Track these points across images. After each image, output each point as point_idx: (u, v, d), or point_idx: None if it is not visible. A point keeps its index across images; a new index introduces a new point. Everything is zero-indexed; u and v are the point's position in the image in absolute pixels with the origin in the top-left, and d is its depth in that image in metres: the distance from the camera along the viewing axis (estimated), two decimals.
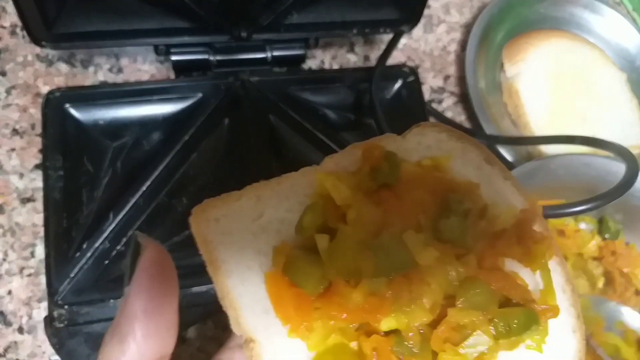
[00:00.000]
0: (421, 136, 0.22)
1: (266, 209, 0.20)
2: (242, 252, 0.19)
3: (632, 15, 0.59)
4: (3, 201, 0.40)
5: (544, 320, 0.19)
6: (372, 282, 0.18)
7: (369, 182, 0.20)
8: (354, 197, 0.19)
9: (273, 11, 0.41)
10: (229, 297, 0.19)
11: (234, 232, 0.19)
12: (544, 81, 0.51)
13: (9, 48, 0.45)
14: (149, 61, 0.47)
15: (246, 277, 0.19)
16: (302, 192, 0.20)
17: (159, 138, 0.41)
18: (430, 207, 0.19)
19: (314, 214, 0.19)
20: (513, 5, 0.54)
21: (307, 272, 0.18)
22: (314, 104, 0.45)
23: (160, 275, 0.17)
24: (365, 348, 0.18)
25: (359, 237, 0.18)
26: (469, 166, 0.21)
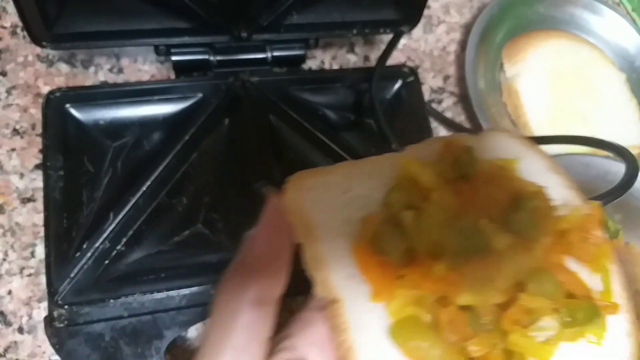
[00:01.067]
0: (492, 139, 0.24)
1: (354, 184, 0.22)
2: (332, 220, 0.21)
3: (632, 15, 0.59)
4: (3, 201, 0.40)
5: (604, 315, 0.20)
6: (456, 254, 0.19)
7: (449, 171, 0.21)
8: (436, 181, 0.21)
9: (273, 11, 0.41)
10: (319, 259, 0.20)
11: (325, 201, 0.21)
12: (543, 81, 0.51)
13: (10, 48, 0.45)
14: (150, 61, 0.47)
15: (334, 243, 0.21)
16: (386, 174, 0.22)
17: (159, 138, 0.41)
18: (502, 201, 0.21)
19: (400, 192, 0.21)
20: (513, 6, 0.54)
21: (394, 243, 0.20)
22: (314, 104, 0.45)
23: (279, 224, 0.19)
24: (441, 317, 0.19)
25: (441, 217, 0.20)
26: (534, 172, 0.23)
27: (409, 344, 0.19)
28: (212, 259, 0.38)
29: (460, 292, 0.19)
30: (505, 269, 0.19)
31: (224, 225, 0.39)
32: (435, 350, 0.19)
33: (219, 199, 0.40)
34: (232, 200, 0.40)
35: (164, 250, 0.38)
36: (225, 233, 0.39)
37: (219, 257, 0.38)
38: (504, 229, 0.20)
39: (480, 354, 0.19)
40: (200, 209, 0.40)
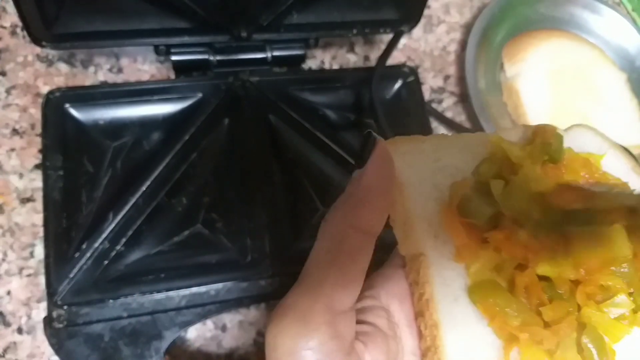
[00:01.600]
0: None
1: (444, 155, 0.23)
2: (422, 182, 0.22)
3: (632, 15, 0.59)
4: (3, 201, 0.40)
5: None
6: (537, 226, 0.20)
7: (538, 154, 0.23)
8: (525, 159, 0.22)
9: (273, 11, 0.41)
10: (406, 216, 0.22)
11: (417, 165, 0.23)
12: (543, 81, 0.51)
13: (9, 48, 0.45)
14: (149, 61, 0.47)
15: (423, 203, 0.22)
16: (476, 150, 0.23)
17: (159, 138, 0.41)
18: (585, 189, 0.22)
19: (490, 163, 0.23)
20: (513, 5, 0.54)
21: (481, 208, 0.21)
22: (314, 103, 0.45)
23: (387, 164, 0.21)
24: (518, 281, 0.20)
25: (528, 189, 0.21)
26: (617, 170, 0.24)
27: (487, 301, 0.20)
28: (212, 259, 0.38)
29: (539, 261, 0.20)
30: (584, 249, 0.20)
31: (223, 226, 0.39)
32: (512, 307, 0.20)
33: (219, 199, 0.40)
34: (231, 201, 0.40)
35: (164, 251, 0.38)
36: (225, 233, 0.39)
37: (219, 257, 0.38)
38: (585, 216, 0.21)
39: (553, 318, 0.19)
40: (199, 209, 0.39)
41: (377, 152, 0.21)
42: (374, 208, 0.20)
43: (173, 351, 0.37)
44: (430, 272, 0.21)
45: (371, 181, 0.20)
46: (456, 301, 0.21)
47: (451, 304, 0.20)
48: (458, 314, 0.20)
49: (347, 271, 0.19)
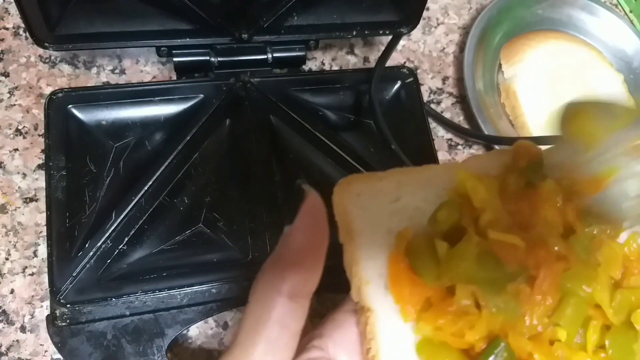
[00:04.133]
0: None
1: (404, 194, 0.21)
2: (376, 228, 0.20)
3: (629, 17, 0.60)
4: (6, 201, 0.41)
5: None
6: (482, 293, 0.19)
7: (515, 179, 0.21)
8: (490, 200, 0.20)
9: (273, 13, 0.41)
10: (357, 267, 0.20)
11: (371, 209, 0.21)
12: (541, 82, 0.51)
13: (12, 49, 0.45)
14: (151, 62, 0.47)
15: (374, 252, 0.20)
16: (441, 185, 0.21)
17: (161, 138, 0.42)
18: (561, 224, 0.20)
19: (449, 210, 0.20)
20: (511, 7, 0.54)
21: (427, 264, 0.19)
22: (314, 104, 0.46)
23: (318, 219, 0.19)
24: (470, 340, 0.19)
25: (473, 254, 0.19)
26: None
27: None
28: (213, 258, 0.38)
29: (479, 327, 0.18)
30: (534, 312, 0.19)
31: (224, 225, 0.39)
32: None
33: (220, 199, 0.40)
34: (233, 200, 0.40)
35: (166, 250, 0.38)
36: (226, 232, 0.39)
37: (220, 256, 0.39)
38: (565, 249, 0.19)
39: None
40: (201, 208, 0.40)
41: (306, 207, 0.19)
42: (303, 271, 0.19)
43: (175, 349, 0.38)
44: (377, 328, 0.20)
45: (298, 241, 0.19)
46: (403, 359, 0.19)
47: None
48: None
49: (276, 339, 0.18)
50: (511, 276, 0.19)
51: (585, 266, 0.19)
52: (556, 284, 0.19)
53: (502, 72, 0.52)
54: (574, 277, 0.19)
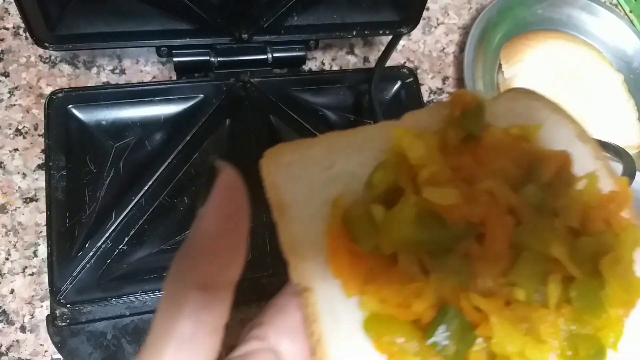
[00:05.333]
0: (513, 102, 0.20)
1: (338, 159, 0.19)
2: (310, 200, 0.19)
3: (629, 17, 0.60)
4: (6, 201, 0.41)
5: (620, 317, 0.18)
6: (425, 256, 0.17)
7: (452, 132, 0.19)
8: (430, 156, 0.18)
9: (273, 13, 0.41)
10: (291, 243, 0.18)
11: (303, 179, 0.19)
12: (541, 82, 0.51)
13: (12, 49, 0.45)
14: (151, 62, 0.47)
15: (310, 225, 0.18)
16: (377, 146, 0.19)
17: (161, 138, 0.42)
18: (512, 176, 0.18)
19: (385, 172, 0.18)
20: (511, 7, 0.54)
21: (366, 232, 0.17)
22: (314, 104, 0.46)
23: (233, 199, 0.17)
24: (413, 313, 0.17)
25: (412, 215, 0.17)
26: (560, 140, 0.20)
27: (383, 339, 0.17)
28: None
29: (427, 295, 0.17)
30: (484, 272, 0.17)
31: None
32: (411, 346, 0.17)
33: None
34: None
35: (166, 250, 0.38)
36: None
37: None
38: (518, 202, 0.18)
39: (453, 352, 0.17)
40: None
41: (219, 185, 0.17)
42: (217, 258, 0.16)
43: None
44: (318, 308, 0.18)
45: (211, 225, 0.16)
46: (350, 340, 0.17)
47: (344, 344, 0.17)
48: (352, 355, 0.17)
49: (190, 337, 0.16)
50: (458, 235, 0.17)
51: (541, 218, 0.18)
52: (509, 239, 0.17)
53: (502, 72, 0.52)
54: (529, 231, 0.17)
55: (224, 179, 0.17)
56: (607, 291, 0.17)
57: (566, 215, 0.18)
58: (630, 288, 0.18)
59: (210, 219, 0.16)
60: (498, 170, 0.18)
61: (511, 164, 0.19)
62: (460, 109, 0.19)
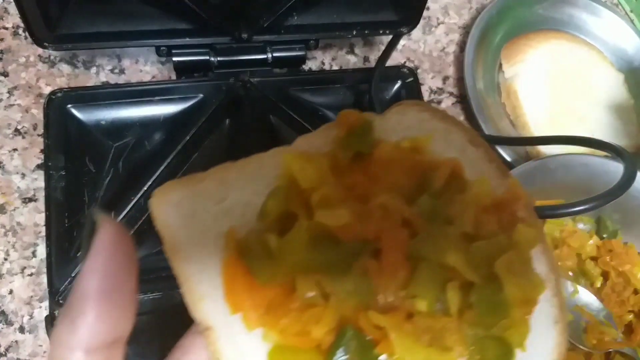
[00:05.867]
0: (401, 115, 0.21)
1: (231, 191, 0.19)
2: (203, 236, 0.18)
3: (630, 16, 0.60)
4: (5, 201, 0.40)
5: (523, 316, 0.18)
6: (323, 280, 0.17)
7: (342, 152, 0.19)
8: (321, 179, 0.18)
9: (273, 13, 0.41)
10: (187, 283, 0.18)
11: (195, 215, 0.18)
12: (542, 82, 0.51)
13: (11, 49, 0.45)
14: (151, 62, 0.47)
15: (205, 263, 0.18)
16: (271, 173, 0.19)
17: (160, 138, 0.42)
18: (406, 189, 0.19)
19: (277, 198, 0.18)
20: (511, 7, 0.54)
21: (262, 262, 0.17)
22: (314, 104, 0.45)
23: (116, 254, 0.16)
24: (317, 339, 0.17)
25: (305, 238, 0.17)
26: (451, 147, 0.20)
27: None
28: None
29: (326, 319, 0.17)
30: (383, 288, 0.17)
31: None
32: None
33: None
34: None
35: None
36: None
37: None
38: (414, 214, 0.18)
39: None
40: None
41: (99, 242, 0.16)
42: (100, 317, 0.16)
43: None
44: (219, 346, 0.17)
45: (92, 284, 0.16)
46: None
47: None
48: None
49: None
50: (354, 254, 0.17)
51: (435, 227, 0.18)
52: (406, 252, 0.17)
53: (503, 72, 0.52)
54: (423, 241, 0.18)
55: (105, 234, 0.16)
56: (506, 292, 0.17)
57: (460, 222, 0.18)
58: (528, 287, 0.18)
59: (90, 278, 0.16)
60: (391, 184, 0.19)
61: (404, 176, 0.19)
62: (346, 129, 0.19)
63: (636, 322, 0.43)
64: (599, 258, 0.44)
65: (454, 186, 0.19)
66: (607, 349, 0.40)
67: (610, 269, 0.43)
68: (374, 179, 0.19)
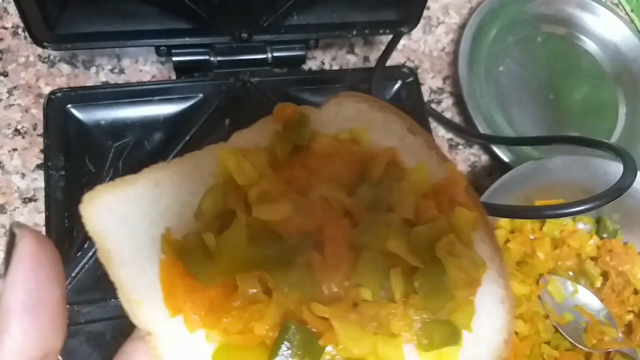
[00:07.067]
0: (339, 107, 0.21)
1: (165, 192, 0.18)
2: (138, 240, 0.18)
3: (630, 16, 0.59)
4: (5, 201, 0.40)
5: (467, 297, 0.18)
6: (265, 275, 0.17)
7: (279, 146, 0.19)
8: (259, 174, 0.18)
9: (273, 12, 0.41)
10: (124, 289, 0.18)
11: (128, 220, 0.18)
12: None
13: (11, 49, 0.45)
14: (150, 62, 0.47)
15: (143, 267, 0.18)
16: (207, 171, 0.19)
17: (160, 138, 0.41)
18: (346, 180, 0.19)
19: (213, 197, 0.18)
20: (505, 5, 0.54)
21: (201, 262, 0.17)
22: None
23: (38, 266, 0.15)
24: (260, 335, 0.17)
25: (244, 234, 0.17)
26: (391, 136, 0.20)
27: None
28: None
29: (269, 316, 0.17)
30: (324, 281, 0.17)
31: None
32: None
33: None
34: None
35: None
36: None
37: None
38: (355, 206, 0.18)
39: None
40: None
41: (19, 255, 0.15)
42: (27, 330, 0.15)
43: None
44: (161, 351, 0.17)
45: (12, 302, 0.15)
46: None
47: None
48: None
49: None
50: (296, 248, 0.17)
51: (376, 215, 0.18)
52: (347, 242, 0.17)
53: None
54: (365, 231, 0.18)
55: (26, 246, 0.15)
56: (449, 274, 0.17)
57: (400, 209, 0.18)
58: (470, 268, 0.18)
59: (12, 293, 0.15)
60: (331, 176, 0.19)
61: (344, 168, 0.19)
62: (283, 123, 0.19)
63: (636, 322, 0.43)
64: (599, 258, 0.44)
65: (392, 174, 0.19)
66: (607, 348, 0.40)
67: (610, 269, 0.43)
68: (313, 171, 0.19)
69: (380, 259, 0.17)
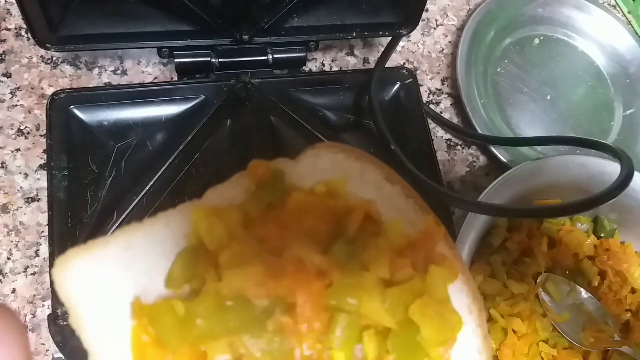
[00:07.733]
0: (315, 158, 0.20)
1: (137, 255, 0.18)
2: (108, 306, 0.17)
3: (628, 18, 0.60)
4: (8, 201, 0.41)
5: (442, 356, 0.18)
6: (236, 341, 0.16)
7: (253, 204, 0.18)
8: (230, 237, 0.17)
9: (274, 14, 0.41)
10: (95, 355, 0.17)
11: (99, 284, 0.17)
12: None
13: (14, 50, 0.45)
14: (153, 63, 0.47)
15: (113, 333, 0.17)
16: (179, 232, 0.18)
17: (162, 139, 0.42)
18: (322, 235, 0.18)
19: (184, 262, 0.17)
20: (502, 7, 0.54)
21: (171, 330, 0.17)
22: (314, 105, 0.46)
23: (3, 340, 0.14)
24: None
25: (213, 302, 0.16)
26: (368, 186, 0.20)
27: None
28: None
29: None
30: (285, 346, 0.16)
31: None
32: None
33: None
34: None
35: None
36: None
37: None
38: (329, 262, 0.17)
39: None
40: None
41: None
42: None
43: None
44: None
45: None
46: None
47: None
48: None
49: None
50: (266, 312, 0.17)
51: (349, 275, 0.17)
52: (320, 304, 0.17)
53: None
54: (337, 292, 0.17)
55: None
56: (423, 335, 0.17)
57: (375, 267, 0.18)
58: (444, 328, 0.18)
59: None
60: (306, 232, 0.18)
61: (319, 223, 0.18)
62: (256, 182, 0.19)
63: (633, 321, 0.43)
64: (596, 257, 0.44)
65: (368, 230, 0.19)
66: (605, 347, 0.41)
67: (608, 268, 0.43)
68: (288, 228, 0.18)
69: (354, 320, 0.17)
